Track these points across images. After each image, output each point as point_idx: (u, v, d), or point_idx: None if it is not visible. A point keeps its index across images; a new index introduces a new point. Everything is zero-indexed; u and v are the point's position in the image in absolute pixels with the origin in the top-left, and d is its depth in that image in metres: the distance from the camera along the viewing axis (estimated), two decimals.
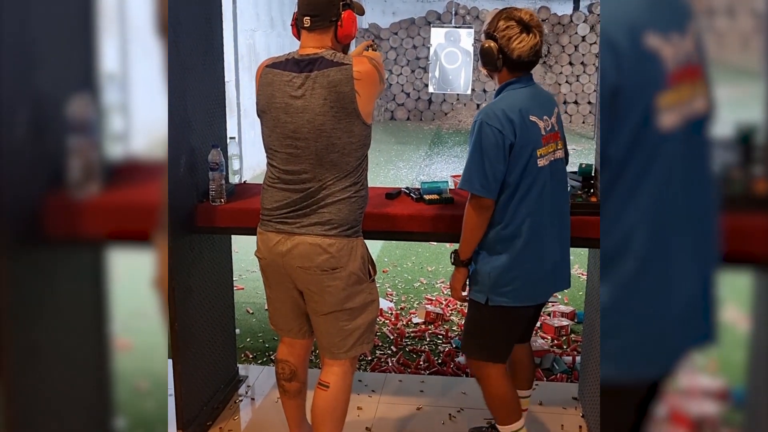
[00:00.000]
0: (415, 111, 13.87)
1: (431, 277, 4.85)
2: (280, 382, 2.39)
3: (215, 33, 2.77)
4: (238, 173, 2.93)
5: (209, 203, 2.62)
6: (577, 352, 3.51)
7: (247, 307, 4.22)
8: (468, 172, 2.16)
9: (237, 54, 7.87)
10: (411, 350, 3.63)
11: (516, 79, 2.21)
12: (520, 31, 2.13)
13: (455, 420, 2.83)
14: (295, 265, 2.11)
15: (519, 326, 2.35)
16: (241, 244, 5.22)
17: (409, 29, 13.54)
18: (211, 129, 2.74)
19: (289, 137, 2.07)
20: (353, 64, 2.03)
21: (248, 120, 8.17)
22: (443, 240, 2.73)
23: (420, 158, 10.05)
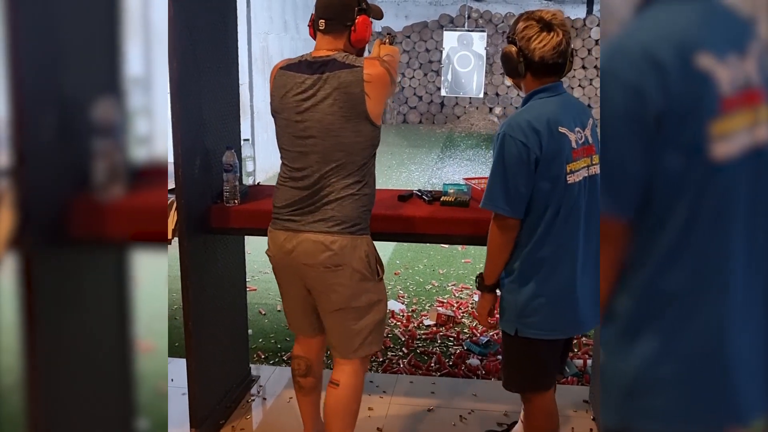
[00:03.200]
0: (427, 114, 13.89)
1: (443, 279, 4.86)
2: (296, 379, 2.42)
3: (230, 36, 2.80)
4: (252, 175, 2.96)
5: (223, 204, 2.64)
6: (588, 355, 3.51)
7: (259, 308, 4.24)
8: (490, 190, 1.98)
9: (251, 57, 7.93)
10: (422, 352, 3.64)
11: (544, 87, 2.01)
12: (540, 30, 1.94)
13: (466, 422, 2.84)
14: (300, 263, 2.14)
15: (554, 356, 2.16)
16: (254, 245, 5.26)
17: (422, 32, 13.57)
18: (226, 131, 2.77)
19: (299, 137, 2.10)
20: (364, 66, 2.05)
21: (261, 122, 8.22)
22: (455, 242, 2.73)
23: (432, 161, 10.06)
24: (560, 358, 2.23)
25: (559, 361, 2.23)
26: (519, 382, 2.20)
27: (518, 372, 2.18)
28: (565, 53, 1.98)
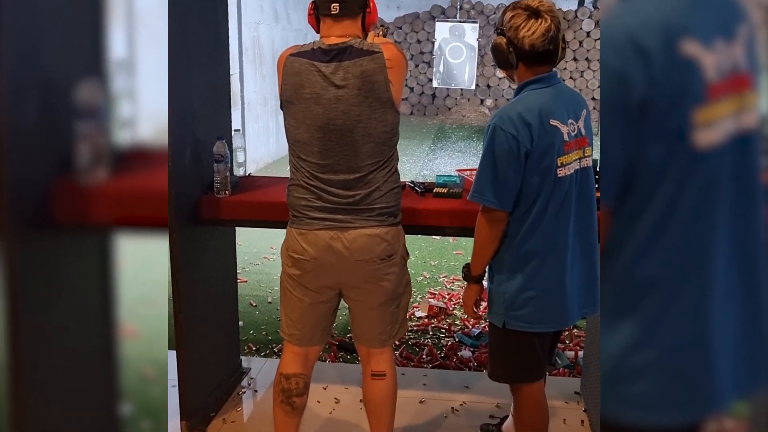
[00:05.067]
0: (418, 106, 13.87)
1: (434, 271, 4.86)
2: (291, 399, 2.23)
3: (221, 25, 2.77)
4: (243, 165, 2.93)
5: (214, 195, 2.62)
6: (579, 347, 3.51)
7: (250, 299, 4.23)
8: (479, 182, 1.97)
9: (241, 47, 7.88)
10: (414, 344, 3.63)
11: (536, 78, 1.98)
12: (528, 17, 1.92)
13: (458, 413, 2.84)
14: (354, 259, 2.05)
15: (543, 348, 2.15)
16: (245, 236, 5.24)
17: (414, 24, 13.52)
18: (216, 121, 2.74)
19: (321, 128, 2.00)
20: (383, 51, 1.97)
21: (252, 113, 8.18)
22: (448, 234, 2.72)
23: (423, 153, 10.05)
24: (549, 349, 2.23)
25: (548, 352, 2.23)
26: (506, 373, 2.21)
27: (506, 363, 2.18)
28: (555, 39, 1.94)
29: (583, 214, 2.03)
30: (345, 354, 3.49)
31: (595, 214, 2.08)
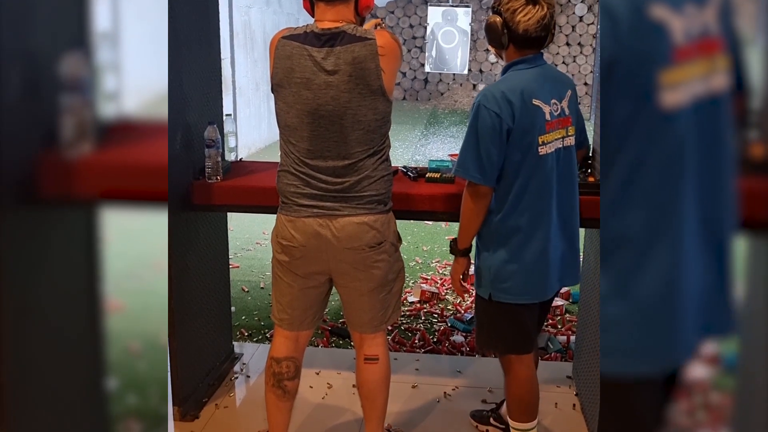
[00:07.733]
0: (411, 90, 13.82)
1: (426, 256, 4.86)
2: (282, 383, 2.23)
3: (212, 8, 2.74)
4: (234, 150, 2.92)
5: (205, 180, 2.60)
6: (571, 331, 3.53)
7: (242, 285, 4.22)
8: (463, 157, 2.05)
9: (232, 31, 7.81)
10: (406, 329, 3.64)
11: (523, 59, 2.07)
12: (526, 3, 2.00)
13: (450, 398, 2.85)
14: (342, 247, 2.04)
15: (530, 320, 2.23)
16: (237, 222, 5.23)
17: (406, 8, 13.45)
18: (207, 106, 2.72)
19: (311, 114, 1.98)
20: (377, 38, 1.96)
21: (243, 98, 8.12)
22: (440, 219, 2.72)
23: (416, 138, 10.03)
24: (537, 324, 2.32)
25: (536, 323, 2.30)
26: (494, 343, 2.29)
27: (492, 333, 2.26)
28: (548, 26, 2.04)
29: (565, 192, 2.13)
30: (337, 339, 3.50)
31: (577, 191, 2.19)
